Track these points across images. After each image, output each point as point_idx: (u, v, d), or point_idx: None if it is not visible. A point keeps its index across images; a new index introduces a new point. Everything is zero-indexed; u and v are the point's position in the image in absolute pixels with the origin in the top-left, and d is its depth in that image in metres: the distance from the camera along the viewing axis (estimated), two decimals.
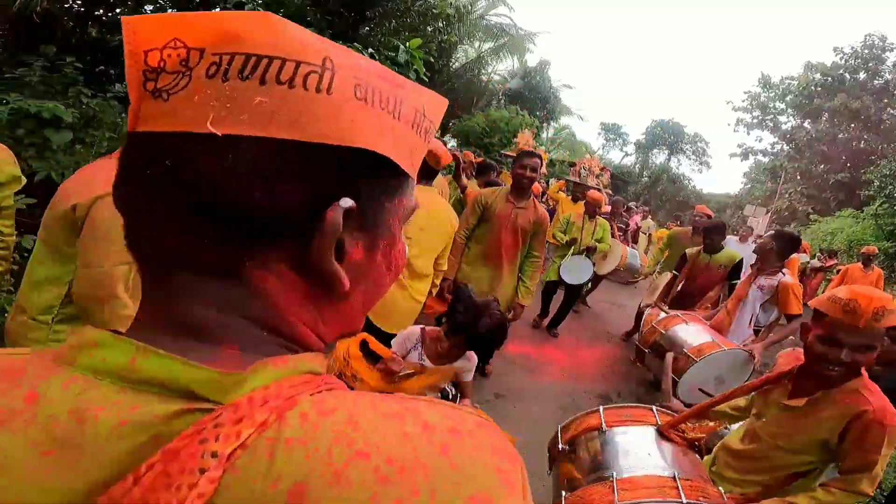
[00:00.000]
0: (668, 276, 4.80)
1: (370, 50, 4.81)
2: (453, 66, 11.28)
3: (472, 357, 2.00)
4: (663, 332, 3.61)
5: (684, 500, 1.35)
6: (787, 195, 24.28)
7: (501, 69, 13.34)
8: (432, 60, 6.72)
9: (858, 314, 1.36)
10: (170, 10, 4.94)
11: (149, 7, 4.73)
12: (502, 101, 12.97)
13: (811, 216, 20.35)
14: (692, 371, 3.11)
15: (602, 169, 8.28)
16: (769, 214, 21.58)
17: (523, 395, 3.87)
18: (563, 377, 4.37)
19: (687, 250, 4.34)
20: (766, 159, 28.07)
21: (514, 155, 7.57)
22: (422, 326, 2.01)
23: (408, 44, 4.86)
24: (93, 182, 1.24)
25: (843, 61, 22.86)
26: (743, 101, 27.70)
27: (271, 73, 0.32)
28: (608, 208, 6.78)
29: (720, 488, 1.51)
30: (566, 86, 16.04)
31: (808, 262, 11.13)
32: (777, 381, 1.63)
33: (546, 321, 5.30)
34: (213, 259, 0.35)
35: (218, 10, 4.94)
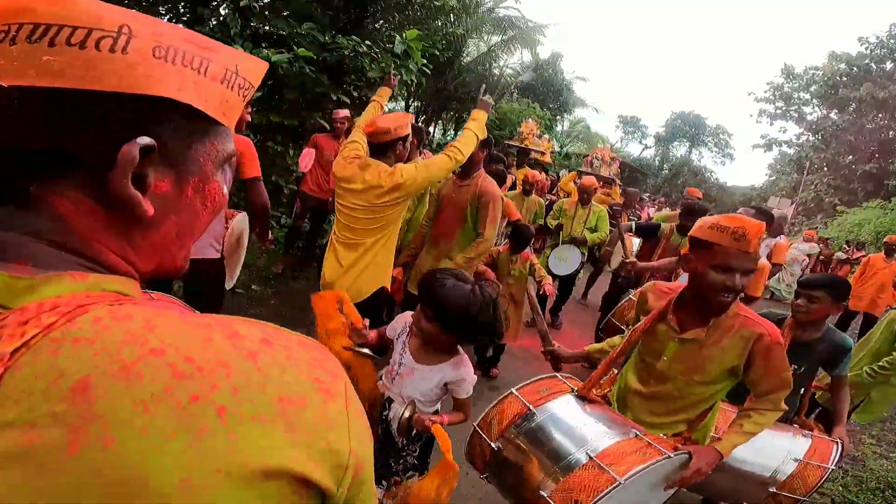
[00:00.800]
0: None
1: (367, 42, 4.83)
2: (464, 61, 11.26)
3: (462, 364, 1.64)
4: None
5: (672, 455, 1.37)
6: (813, 186, 23.57)
7: (513, 62, 13.27)
8: (437, 53, 6.72)
9: (748, 240, 1.39)
10: (185, 13, 5.06)
11: (162, 9, 4.84)
12: (514, 93, 12.89)
13: (838, 207, 19.74)
14: None
15: (612, 158, 8.11)
16: (794, 206, 20.99)
17: None
18: (564, 368, 4.34)
19: (662, 223, 4.13)
20: (791, 150, 27.28)
21: (519, 145, 7.50)
22: (412, 312, 1.68)
23: (405, 35, 4.85)
24: None
25: (868, 51, 22.03)
26: (765, 92, 26.90)
27: (61, 38, 0.37)
28: (607, 196, 6.68)
29: (661, 434, 1.54)
30: (580, 78, 15.89)
31: (834, 254, 10.80)
32: (660, 318, 1.63)
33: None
34: (4, 188, 0.39)
35: (225, 9, 5.04)
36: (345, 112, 4.58)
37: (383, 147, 2.31)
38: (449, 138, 12.09)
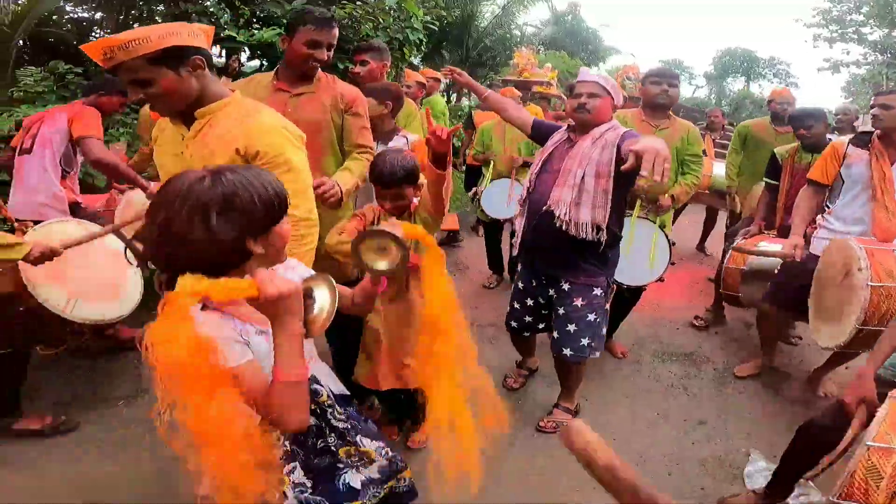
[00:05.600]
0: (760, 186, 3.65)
1: (360, 5, 4.61)
2: (481, 25, 10.91)
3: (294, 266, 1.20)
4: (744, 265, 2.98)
5: None
6: None
7: (532, 20, 12.67)
8: (444, 14, 6.42)
9: None
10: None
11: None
12: (540, 49, 12.28)
13: None
14: None
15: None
16: None
17: None
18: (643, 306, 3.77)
19: (776, 150, 3.26)
20: (862, 70, 24.68)
21: (517, 79, 6.66)
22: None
23: None
24: None
25: None
26: (813, 17, 24.94)
27: None
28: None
29: None
30: (604, 25, 14.95)
31: None
32: None
33: None
34: None
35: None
36: None
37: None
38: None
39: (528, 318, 2.34)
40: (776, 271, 2.70)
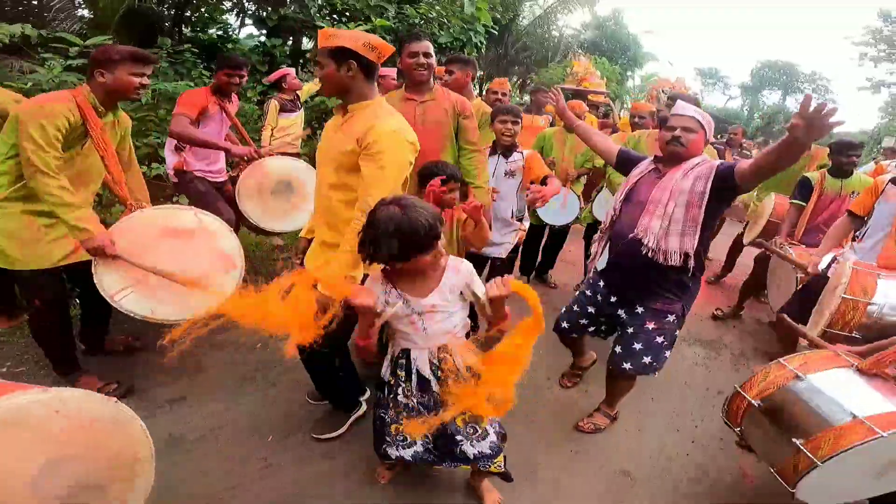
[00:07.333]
0: (771, 200, 3.92)
1: (437, 7, 4.98)
2: (522, 24, 11.18)
3: (455, 264, 1.60)
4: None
5: None
6: None
7: (574, 22, 12.88)
8: (498, 16, 6.74)
9: None
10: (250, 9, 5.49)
11: (228, 3, 5.30)
12: (579, 53, 12.52)
13: None
14: None
15: (694, 94, 7.05)
16: None
17: None
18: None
19: (807, 174, 3.54)
20: None
21: (575, 87, 6.98)
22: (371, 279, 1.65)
23: None
24: None
25: None
26: (863, 36, 24.57)
27: None
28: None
29: None
30: (647, 31, 15.04)
31: None
32: None
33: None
34: None
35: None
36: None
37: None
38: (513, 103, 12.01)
39: (583, 321, 2.41)
40: (798, 287, 2.94)
